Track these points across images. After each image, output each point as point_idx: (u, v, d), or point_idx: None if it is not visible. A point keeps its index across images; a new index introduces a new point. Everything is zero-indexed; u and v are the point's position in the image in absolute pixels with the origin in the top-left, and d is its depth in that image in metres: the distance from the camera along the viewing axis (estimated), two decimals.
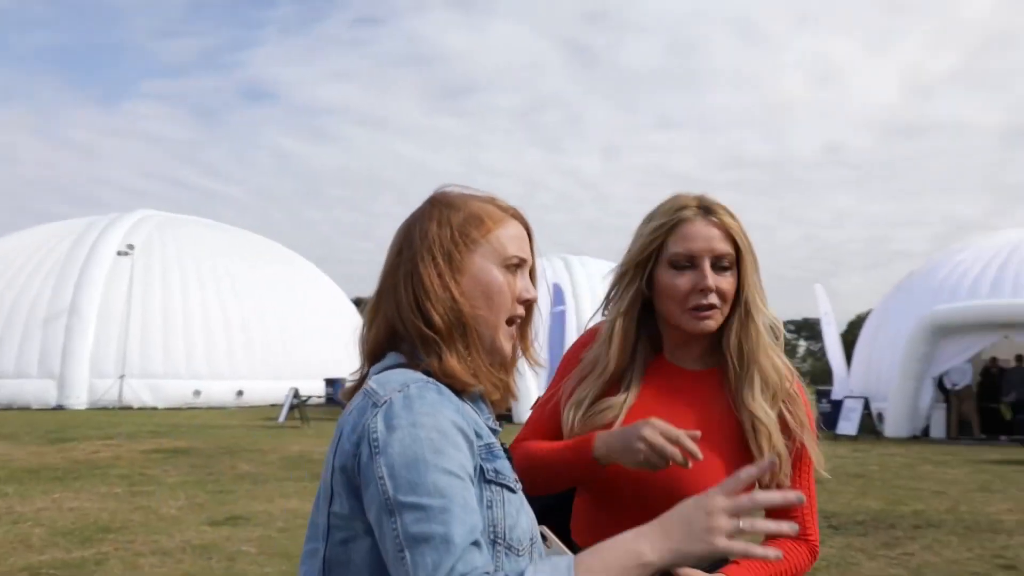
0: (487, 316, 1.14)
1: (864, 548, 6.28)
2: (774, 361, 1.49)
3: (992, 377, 17.88)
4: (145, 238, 25.67)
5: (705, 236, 1.46)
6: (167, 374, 23.18)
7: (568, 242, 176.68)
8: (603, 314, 1.62)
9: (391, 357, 1.15)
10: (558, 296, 20.24)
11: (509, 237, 1.18)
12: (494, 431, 1.14)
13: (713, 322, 1.48)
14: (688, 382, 1.53)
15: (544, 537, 1.25)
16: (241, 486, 9.04)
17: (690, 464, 1.32)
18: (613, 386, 1.52)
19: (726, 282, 1.47)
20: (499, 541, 1.05)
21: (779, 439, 1.45)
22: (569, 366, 1.61)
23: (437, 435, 1.00)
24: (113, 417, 18.86)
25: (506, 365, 1.20)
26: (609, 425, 1.46)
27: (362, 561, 1.04)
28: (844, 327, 30.29)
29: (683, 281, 1.46)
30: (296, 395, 17.92)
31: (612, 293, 1.58)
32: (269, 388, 23.69)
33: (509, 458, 1.14)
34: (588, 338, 1.64)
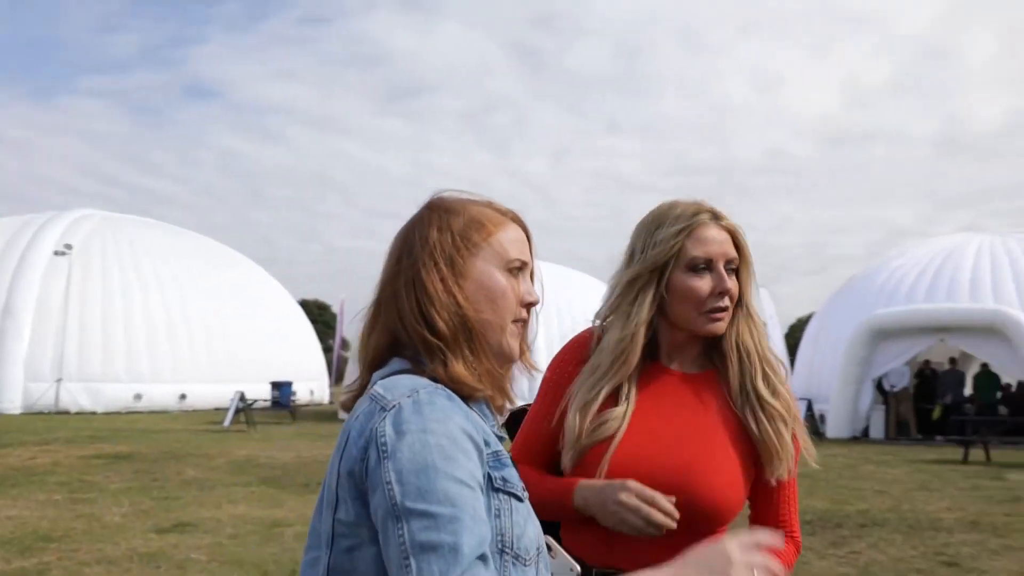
0: (492, 319, 1.13)
1: (813, 547, 6.42)
2: (770, 356, 1.55)
3: (927, 379, 18.47)
4: (84, 237, 24.93)
5: (720, 240, 1.50)
6: (106, 377, 22.53)
7: None
8: (600, 320, 1.61)
9: (395, 363, 1.13)
10: None
11: (510, 240, 1.17)
12: (500, 438, 1.14)
13: (724, 323, 1.51)
14: (688, 385, 1.54)
15: (549, 547, 1.25)
16: (187, 492, 8.83)
17: (674, 525, 1.35)
18: (612, 395, 1.50)
19: (735, 284, 1.51)
20: (507, 551, 1.03)
21: (787, 431, 1.48)
22: (559, 375, 1.59)
23: (447, 441, 0.98)
24: (50, 422, 18.26)
25: (511, 367, 1.20)
26: (610, 438, 1.46)
27: (367, 569, 1.01)
28: (786, 330, 30.93)
29: (703, 284, 1.48)
30: (242, 399, 17.60)
31: (619, 300, 1.55)
32: (213, 392, 23.23)
33: (515, 466, 1.12)
34: (578, 346, 1.61)
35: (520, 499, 1.08)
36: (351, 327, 22.07)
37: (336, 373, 30.70)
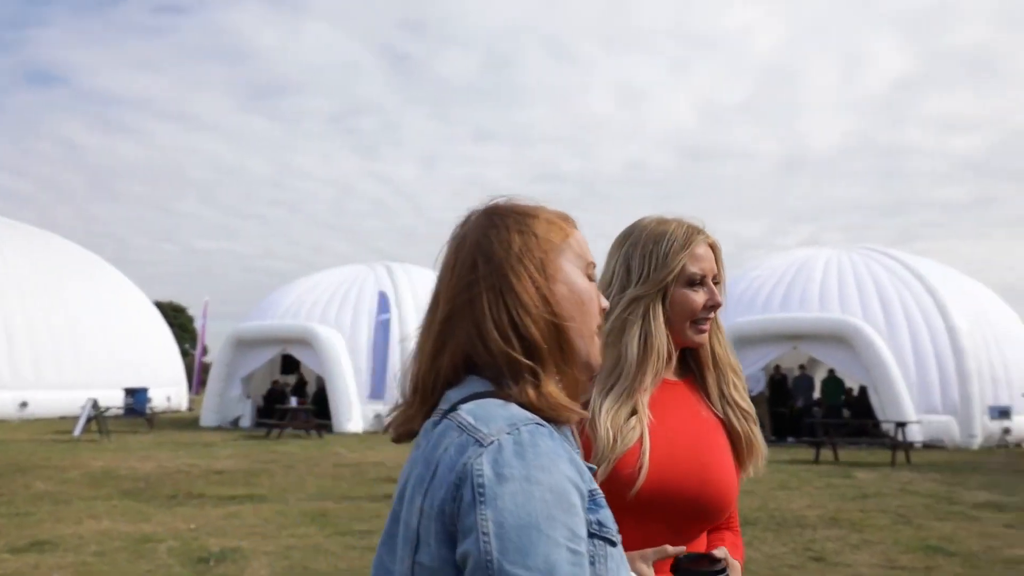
0: (581, 327, 1.06)
1: None
2: (735, 364, 1.66)
3: (777, 383, 19.62)
4: None
5: (708, 257, 1.61)
6: None
7: (384, 249, 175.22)
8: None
9: (473, 383, 1.02)
10: (384, 304, 20.02)
11: (583, 242, 1.12)
12: (591, 469, 1.03)
13: (707, 334, 1.61)
14: (677, 391, 1.60)
15: None
16: (41, 507, 8.19)
17: None
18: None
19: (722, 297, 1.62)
20: None
21: (758, 431, 1.62)
22: None
23: (552, 497, 0.89)
24: None
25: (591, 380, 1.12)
26: (637, 444, 1.47)
27: None
28: None
29: (699, 297, 1.58)
30: (95, 406, 16.50)
31: (627, 316, 1.57)
32: (59, 399, 21.65)
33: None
34: None
35: (614, 544, 1.00)
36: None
37: (198, 380, 29.31)
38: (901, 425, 14.56)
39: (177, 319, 51.85)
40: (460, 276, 1.05)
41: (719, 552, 1.38)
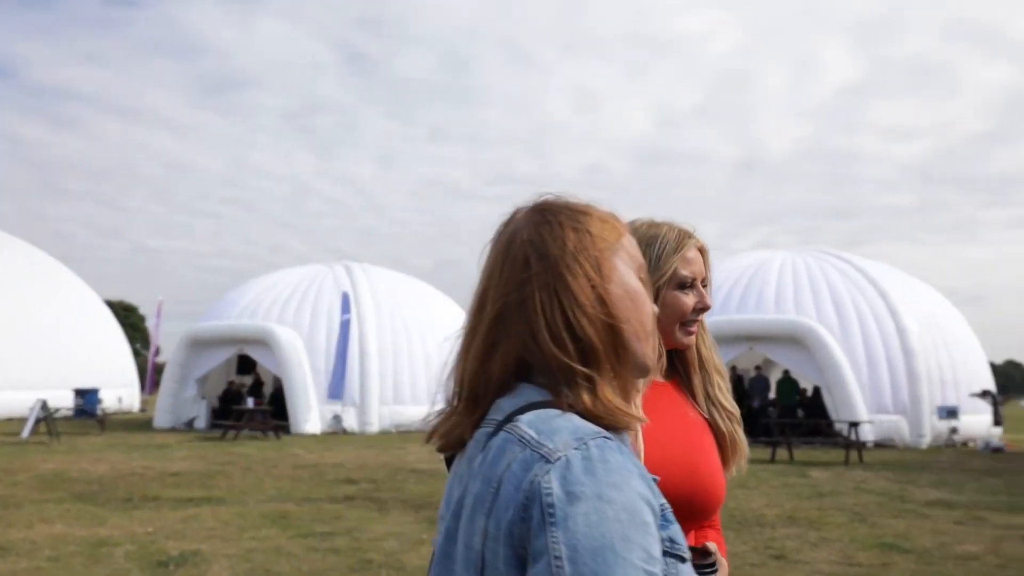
0: (636, 329, 1.01)
1: None
2: (720, 366, 1.68)
3: (734, 384, 19.91)
4: None
5: (699, 261, 1.63)
6: None
7: (341, 248, 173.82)
8: None
9: (526, 390, 0.97)
10: (345, 305, 19.85)
11: (634, 243, 1.08)
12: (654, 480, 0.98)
13: (695, 336, 1.62)
14: (665, 392, 1.62)
15: None
16: None
17: None
18: None
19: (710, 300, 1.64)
20: None
21: (742, 431, 1.64)
22: None
23: (627, 516, 0.83)
24: None
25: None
26: (632, 442, 1.47)
27: None
28: None
29: (689, 300, 1.59)
30: (44, 407, 16.07)
31: None
32: (6, 400, 21.06)
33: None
34: None
35: (685, 560, 0.95)
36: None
37: (150, 381, 28.72)
38: (854, 425, 14.87)
39: (128, 318, 50.80)
40: (511, 274, 1.00)
41: (710, 545, 1.39)
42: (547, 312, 0.96)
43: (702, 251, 1.64)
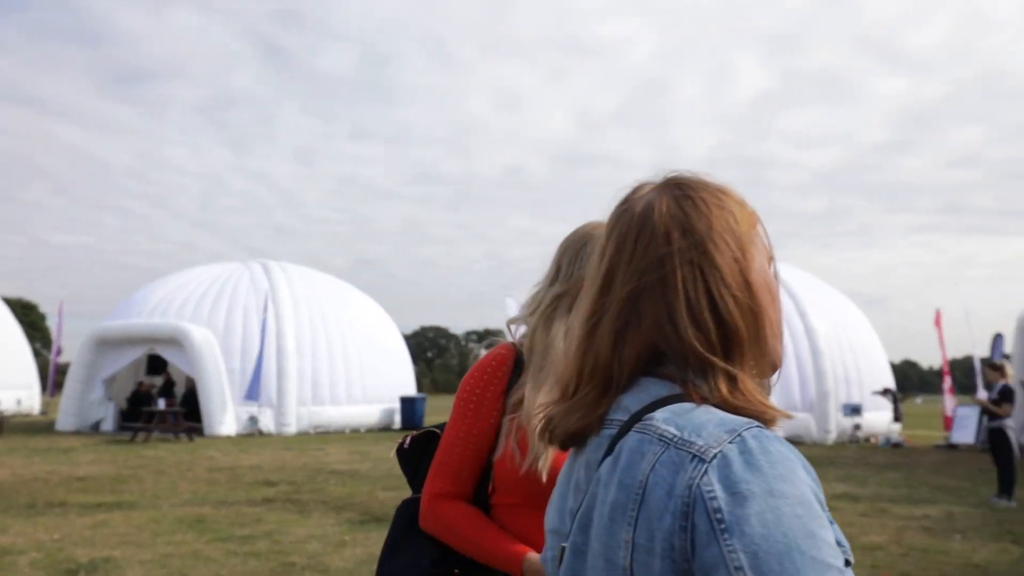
0: (773, 321, 0.91)
1: None
2: None
3: None
4: None
5: None
6: None
7: (257, 247, 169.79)
8: (518, 331, 1.64)
9: (648, 384, 0.87)
10: (264, 303, 19.43)
11: (766, 232, 0.98)
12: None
13: None
14: None
15: None
16: None
17: None
18: None
19: None
20: None
21: None
22: (483, 393, 1.57)
23: (803, 509, 0.74)
24: None
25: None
26: None
27: None
28: None
29: None
30: None
31: (550, 313, 1.58)
32: None
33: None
34: (500, 362, 1.60)
35: (850, 563, 0.84)
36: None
37: (52, 382, 27.46)
38: None
39: (27, 317, 48.49)
40: (648, 250, 0.89)
41: None
42: (690, 291, 0.86)
43: None
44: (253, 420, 18.68)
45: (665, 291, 0.87)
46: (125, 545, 6.60)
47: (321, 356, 20.13)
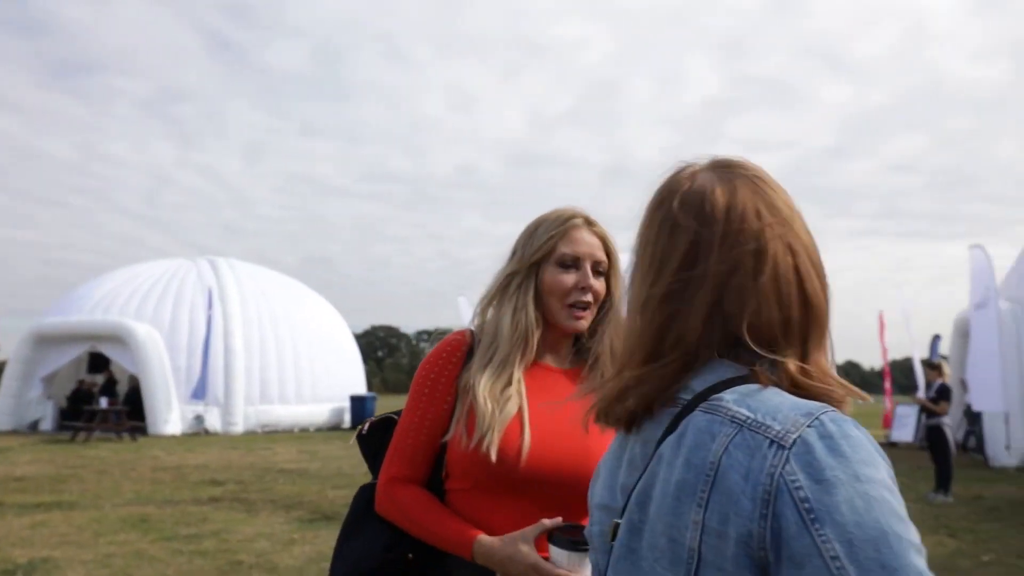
0: (828, 309, 0.90)
1: None
2: None
3: None
4: None
5: (589, 243, 1.61)
6: None
7: (204, 244, 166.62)
8: (478, 311, 1.66)
9: (720, 365, 0.85)
10: (209, 300, 19.10)
11: None
12: None
13: (585, 322, 1.61)
14: (562, 379, 1.63)
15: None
16: None
17: None
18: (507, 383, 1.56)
19: (600, 285, 1.62)
20: None
21: None
22: (437, 378, 1.58)
23: (889, 495, 0.73)
24: None
25: None
26: (518, 416, 1.51)
27: None
28: None
29: (568, 278, 1.59)
30: None
31: (499, 293, 1.62)
32: None
33: None
34: (454, 347, 1.61)
35: None
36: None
37: None
38: None
39: None
40: (744, 224, 0.87)
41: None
42: (781, 267, 0.85)
43: (602, 238, 1.62)
44: (199, 419, 18.36)
45: (759, 265, 0.85)
46: (65, 545, 6.43)
47: (270, 354, 19.86)
